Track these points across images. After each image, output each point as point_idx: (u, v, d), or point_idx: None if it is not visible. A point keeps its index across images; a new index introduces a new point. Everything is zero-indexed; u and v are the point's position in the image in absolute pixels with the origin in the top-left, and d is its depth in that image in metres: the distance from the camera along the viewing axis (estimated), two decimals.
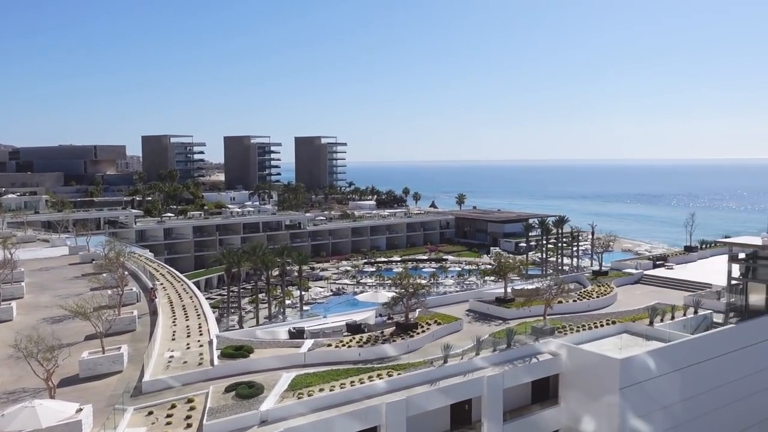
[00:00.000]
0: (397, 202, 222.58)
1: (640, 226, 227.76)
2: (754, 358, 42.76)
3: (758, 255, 45.74)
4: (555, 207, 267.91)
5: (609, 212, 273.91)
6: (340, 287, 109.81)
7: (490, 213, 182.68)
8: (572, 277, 63.44)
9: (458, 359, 36.14)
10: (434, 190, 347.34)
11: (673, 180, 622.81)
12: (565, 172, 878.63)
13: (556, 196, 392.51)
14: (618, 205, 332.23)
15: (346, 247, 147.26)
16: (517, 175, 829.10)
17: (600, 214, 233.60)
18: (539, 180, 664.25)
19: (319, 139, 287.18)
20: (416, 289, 44.25)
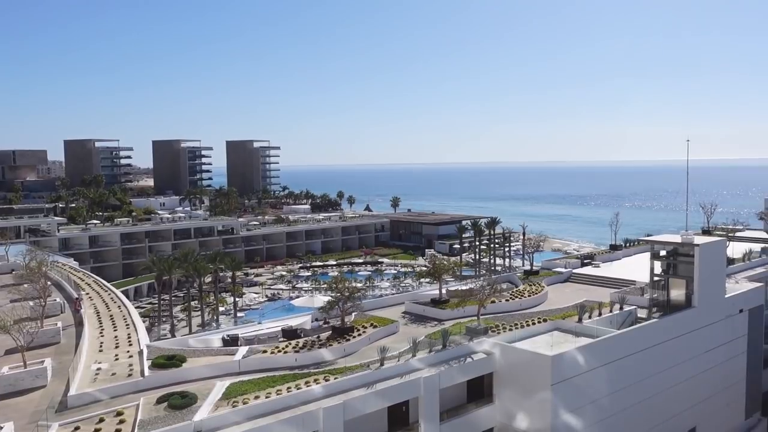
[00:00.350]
0: (332, 206, 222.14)
1: (568, 226, 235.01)
2: (676, 351, 44.72)
3: (678, 252, 47.88)
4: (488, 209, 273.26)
5: (539, 213, 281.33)
6: (275, 292, 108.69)
7: (424, 215, 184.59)
8: (504, 277, 64.78)
9: (395, 361, 36.32)
10: (369, 194, 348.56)
11: (599, 181, 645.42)
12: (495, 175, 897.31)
13: (489, 198, 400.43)
14: (547, 205, 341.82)
15: (281, 251, 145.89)
16: (451, 177, 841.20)
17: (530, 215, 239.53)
18: (473, 182, 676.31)
19: (252, 143, 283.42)
20: (352, 292, 44.23)
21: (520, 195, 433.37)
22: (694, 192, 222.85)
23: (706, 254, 46.61)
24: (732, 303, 49.87)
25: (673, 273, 48.11)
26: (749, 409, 52.60)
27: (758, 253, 65.94)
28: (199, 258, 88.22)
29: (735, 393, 50.84)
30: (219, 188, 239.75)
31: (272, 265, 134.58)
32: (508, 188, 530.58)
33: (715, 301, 48.17)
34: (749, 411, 52.65)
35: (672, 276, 48.06)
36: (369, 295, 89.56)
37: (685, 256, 47.18)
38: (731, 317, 49.70)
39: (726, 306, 49.22)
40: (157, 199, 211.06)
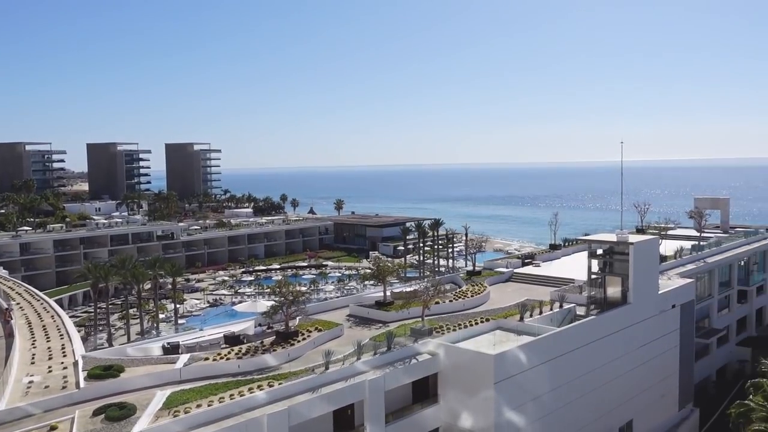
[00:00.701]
0: (275, 210, 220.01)
1: (509, 226, 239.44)
2: (613, 346, 46.10)
3: (614, 250, 49.37)
4: (431, 210, 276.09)
5: (481, 214, 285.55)
6: (217, 298, 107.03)
7: (368, 218, 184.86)
8: (448, 278, 65.44)
9: (340, 365, 36.21)
10: (313, 196, 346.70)
11: (538, 182, 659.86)
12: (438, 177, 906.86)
13: (432, 200, 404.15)
14: (489, 206, 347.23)
15: (223, 256, 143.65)
16: (395, 179, 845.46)
17: (473, 216, 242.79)
18: (416, 184, 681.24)
19: (192, 146, 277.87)
20: (296, 296, 43.90)
21: (463, 196, 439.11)
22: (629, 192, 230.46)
23: (639, 252, 48.21)
24: (665, 299, 51.74)
25: (610, 271, 49.56)
26: (682, 400, 54.66)
27: (689, 250, 68.57)
28: (138, 264, 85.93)
29: (669, 385, 52.74)
30: (158, 192, 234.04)
31: (214, 271, 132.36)
32: (451, 190, 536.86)
33: (649, 297, 49.88)
34: (682, 402, 54.71)
35: (609, 274, 49.50)
36: (313, 299, 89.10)
37: (621, 254, 48.67)
38: (664, 312, 51.57)
39: (659, 302, 51.03)
40: (93, 204, 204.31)
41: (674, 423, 53.12)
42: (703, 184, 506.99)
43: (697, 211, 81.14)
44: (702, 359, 62.48)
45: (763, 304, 78.21)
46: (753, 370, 59.53)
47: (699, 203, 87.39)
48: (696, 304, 58.71)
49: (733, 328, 71.69)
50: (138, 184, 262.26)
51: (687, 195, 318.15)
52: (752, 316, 75.54)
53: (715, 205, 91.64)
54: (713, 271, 67.19)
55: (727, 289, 70.82)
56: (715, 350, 66.11)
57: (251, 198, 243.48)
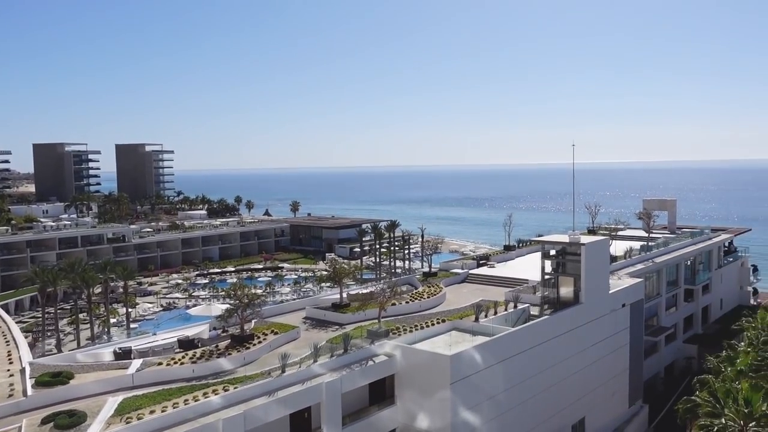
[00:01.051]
0: (230, 211, 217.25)
1: (464, 227, 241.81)
2: (566, 345, 47.00)
3: (566, 251, 50.34)
4: (387, 212, 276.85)
5: (437, 215, 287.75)
6: (171, 302, 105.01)
7: (324, 219, 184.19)
8: (404, 279, 65.71)
9: (296, 368, 36.02)
10: (269, 198, 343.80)
11: (493, 184, 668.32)
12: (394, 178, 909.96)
13: (388, 201, 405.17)
14: (445, 208, 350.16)
15: (177, 259, 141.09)
16: (351, 181, 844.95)
17: (429, 218, 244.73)
18: (372, 186, 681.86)
19: (144, 147, 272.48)
20: (251, 299, 43.53)
21: (419, 198, 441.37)
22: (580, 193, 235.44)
23: (591, 253, 49.27)
24: (615, 298, 53.03)
25: (563, 271, 50.52)
26: (632, 397, 56.09)
27: (638, 250, 70.41)
28: (88, 267, 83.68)
29: (619, 383, 54.06)
30: (108, 194, 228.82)
31: (167, 274, 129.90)
32: (407, 192, 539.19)
33: (601, 296, 51.03)
34: (632, 399, 56.14)
35: (561, 274, 50.44)
36: (269, 302, 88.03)
37: (573, 255, 49.65)
38: (615, 311, 52.85)
39: (610, 301, 52.27)
40: (40, 206, 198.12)
41: (625, 419, 54.47)
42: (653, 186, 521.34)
43: (646, 212, 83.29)
44: (651, 357, 64.23)
45: (709, 303, 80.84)
46: (699, 367, 61.67)
47: (647, 204, 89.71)
48: (645, 303, 60.28)
49: (681, 326, 73.92)
50: (87, 185, 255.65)
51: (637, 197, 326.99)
52: (698, 314, 77.98)
53: (662, 207, 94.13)
54: (661, 270, 69.14)
55: (674, 288, 72.95)
56: (664, 348, 68.00)
57: (205, 200, 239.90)
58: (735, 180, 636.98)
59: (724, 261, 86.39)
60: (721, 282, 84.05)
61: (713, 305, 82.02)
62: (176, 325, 62.84)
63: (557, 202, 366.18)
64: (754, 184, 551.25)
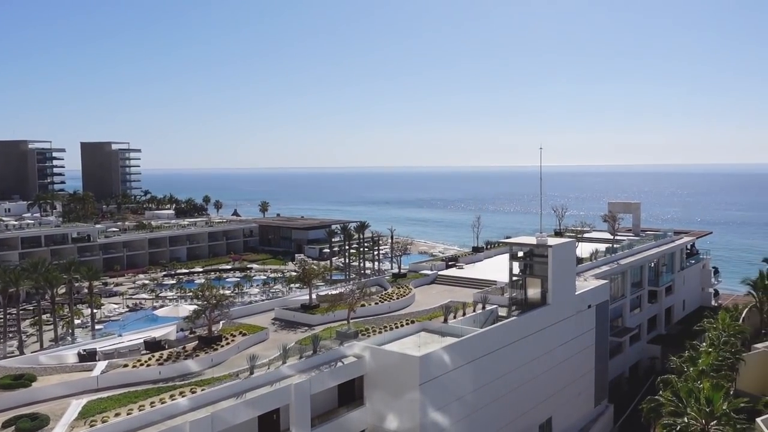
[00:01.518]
0: (198, 211, 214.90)
1: (433, 229, 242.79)
2: (533, 346, 47.49)
3: (534, 253, 50.85)
4: (356, 213, 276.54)
5: (406, 216, 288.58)
6: (137, 302, 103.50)
7: (294, 220, 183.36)
8: (374, 281, 65.64)
9: (265, 369, 35.75)
10: (237, 199, 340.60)
11: (461, 186, 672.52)
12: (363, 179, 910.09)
13: (357, 202, 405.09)
14: (414, 209, 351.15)
15: (143, 259, 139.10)
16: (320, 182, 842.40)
17: (398, 219, 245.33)
18: (341, 187, 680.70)
19: (110, 145, 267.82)
20: (219, 300, 43.10)
21: (389, 199, 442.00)
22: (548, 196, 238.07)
23: (558, 255, 49.86)
24: (582, 299, 53.75)
25: (530, 273, 51.03)
26: (598, 397, 56.92)
27: (603, 252, 71.42)
28: (51, 267, 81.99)
29: (585, 383, 54.83)
30: (73, 193, 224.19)
31: (134, 274, 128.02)
32: (376, 192, 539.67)
33: (567, 298, 51.68)
34: (598, 399, 56.97)
35: (529, 276, 50.96)
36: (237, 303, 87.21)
37: (540, 256, 50.18)
38: (581, 312, 53.57)
39: (576, 302, 52.96)
40: (1, 205, 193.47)
41: (591, 419, 55.23)
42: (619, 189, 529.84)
43: (611, 215, 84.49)
44: (616, 357, 65.26)
45: (672, 304, 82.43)
46: (663, 367, 62.76)
47: (612, 207, 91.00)
48: (610, 304, 61.25)
49: (645, 327, 75.23)
50: (51, 184, 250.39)
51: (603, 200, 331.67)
52: (662, 315, 79.47)
53: (627, 209, 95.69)
54: (626, 272, 70.27)
55: (638, 290, 74.21)
56: (628, 348, 69.15)
57: (173, 199, 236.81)
58: (697, 183, 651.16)
59: (686, 263, 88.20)
60: (684, 283, 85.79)
61: (676, 306, 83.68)
62: (143, 326, 61.95)
63: (525, 204, 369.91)
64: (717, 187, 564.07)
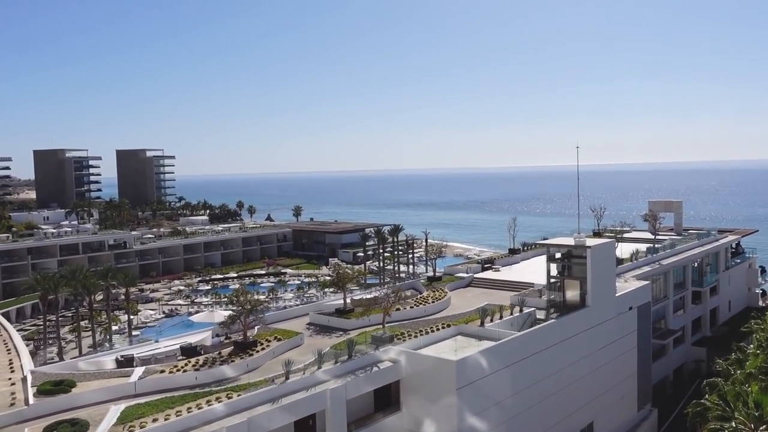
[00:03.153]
0: (232, 217, 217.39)
1: (468, 231, 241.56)
2: (573, 349, 46.81)
3: (572, 254, 50.17)
4: (390, 216, 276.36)
5: (441, 219, 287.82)
6: (173, 308, 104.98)
7: (327, 224, 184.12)
8: (408, 284, 65.60)
9: (300, 375, 35.91)
10: (270, 203, 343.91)
11: (497, 187, 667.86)
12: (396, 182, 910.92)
13: (391, 205, 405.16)
14: (449, 212, 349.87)
15: (178, 265, 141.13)
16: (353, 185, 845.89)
17: (432, 222, 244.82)
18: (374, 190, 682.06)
19: (144, 152, 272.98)
20: (254, 305, 43.47)
21: (423, 202, 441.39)
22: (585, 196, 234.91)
23: (597, 255, 49.10)
24: (622, 301, 52.82)
25: (568, 274, 50.36)
26: (641, 401, 55.83)
27: (644, 252, 70.18)
28: (89, 274, 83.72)
29: (628, 387, 53.81)
30: (109, 200, 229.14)
31: (169, 280, 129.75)
32: (411, 195, 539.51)
33: (607, 300, 50.84)
34: (641, 403, 55.87)
35: (567, 277, 50.29)
36: (272, 308, 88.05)
37: (578, 258, 49.48)
38: (622, 315, 52.64)
39: (617, 304, 52.06)
40: (40, 213, 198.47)
41: (634, 423, 54.21)
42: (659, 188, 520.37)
43: (651, 214, 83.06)
44: (659, 360, 63.96)
45: (717, 305, 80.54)
46: (708, 370, 61.39)
47: (653, 206, 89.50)
48: (652, 306, 60.09)
49: (689, 329, 73.65)
50: (88, 191, 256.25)
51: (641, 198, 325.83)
52: (706, 316, 77.69)
53: (668, 208, 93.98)
54: (668, 272, 68.91)
55: (681, 291, 72.70)
56: (672, 351, 67.76)
57: (206, 205, 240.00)
58: (740, 181, 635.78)
59: (731, 263, 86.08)
60: (729, 284, 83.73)
61: (721, 307, 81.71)
62: (179, 332, 62.77)
63: (560, 204, 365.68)
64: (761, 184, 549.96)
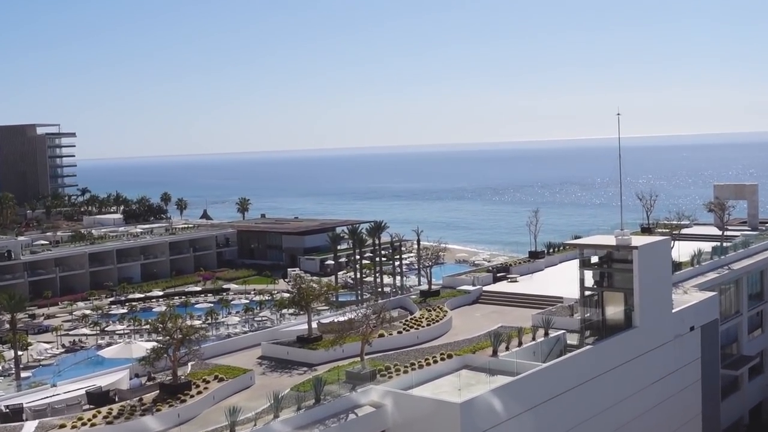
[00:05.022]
0: (155, 214, 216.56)
1: (475, 229, 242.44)
2: (617, 384, 47.00)
3: (613, 258, 50.34)
4: (370, 209, 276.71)
5: (438, 213, 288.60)
6: (76, 340, 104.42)
7: (284, 222, 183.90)
8: (395, 302, 65.46)
9: (251, 427, 35.78)
10: (206, 195, 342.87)
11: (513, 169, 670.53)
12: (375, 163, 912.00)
13: (371, 195, 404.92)
14: (449, 203, 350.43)
15: (83, 281, 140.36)
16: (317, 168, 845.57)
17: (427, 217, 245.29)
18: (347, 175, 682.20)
19: (34, 129, 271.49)
20: (186, 334, 43.19)
21: (414, 190, 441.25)
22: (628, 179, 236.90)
23: (647, 258, 49.31)
24: (681, 319, 53.15)
25: (609, 285, 50.56)
26: None
27: (708, 254, 70.54)
28: None
29: (691, 431, 54.24)
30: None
31: (70, 302, 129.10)
32: (397, 182, 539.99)
33: (661, 317, 51.12)
34: None
35: (607, 289, 50.50)
36: (211, 337, 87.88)
37: (622, 262, 49.66)
38: (681, 337, 52.98)
39: (674, 323, 52.38)
40: None
41: None
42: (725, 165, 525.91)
43: (718, 202, 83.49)
44: (731, 396, 64.51)
45: None
46: None
47: (720, 192, 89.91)
48: (720, 325, 60.53)
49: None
50: None
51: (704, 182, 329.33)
52: None
53: (739, 194, 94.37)
54: (740, 280, 69.37)
55: (759, 303, 73.26)
56: (747, 384, 68.28)
57: (120, 199, 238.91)
58: None
59: None
60: None
61: None
62: (84, 372, 62.44)
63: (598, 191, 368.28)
64: None
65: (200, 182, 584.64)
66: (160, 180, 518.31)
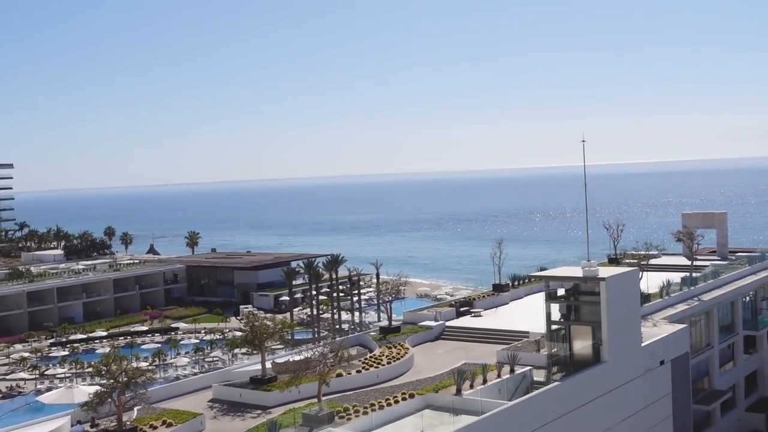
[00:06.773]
0: (98, 250, 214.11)
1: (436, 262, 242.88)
2: (586, 422, 47.25)
3: (580, 290, 50.80)
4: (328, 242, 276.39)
5: (397, 245, 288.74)
6: (14, 385, 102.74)
7: (236, 257, 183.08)
8: (354, 339, 65.50)
9: None
10: (153, 229, 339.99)
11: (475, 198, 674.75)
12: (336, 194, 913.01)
13: (328, 228, 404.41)
14: (408, 234, 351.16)
15: (20, 322, 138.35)
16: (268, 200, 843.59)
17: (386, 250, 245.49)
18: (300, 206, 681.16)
19: None
20: (132, 376, 42.71)
21: (372, 221, 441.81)
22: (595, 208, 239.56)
23: (614, 290, 49.78)
24: (651, 353, 53.67)
25: (576, 318, 50.95)
26: None
27: (678, 285, 71.36)
28: None
29: None
30: None
31: (7, 344, 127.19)
32: (353, 213, 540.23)
33: (631, 351, 51.58)
34: None
35: (574, 322, 50.87)
36: (159, 379, 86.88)
37: (589, 294, 50.11)
38: (651, 372, 53.46)
39: (644, 357, 52.87)
40: None
41: None
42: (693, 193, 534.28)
43: (687, 231, 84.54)
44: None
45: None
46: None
47: (688, 221, 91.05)
48: (691, 358, 61.15)
49: (741, 388, 75.06)
50: None
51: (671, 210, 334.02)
52: (764, 369, 79.29)
53: (708, 223, 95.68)
54: (711, 311, 70.25)
55: (730, 336, 74.15)
56: (720, 419, 68.89)
57: (61, 234, 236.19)
58: None
59: None
60: None
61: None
62: (21, 419, 61.39)
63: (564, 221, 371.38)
64: None
65: (146, 215, 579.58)
66: (103, 213, 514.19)
